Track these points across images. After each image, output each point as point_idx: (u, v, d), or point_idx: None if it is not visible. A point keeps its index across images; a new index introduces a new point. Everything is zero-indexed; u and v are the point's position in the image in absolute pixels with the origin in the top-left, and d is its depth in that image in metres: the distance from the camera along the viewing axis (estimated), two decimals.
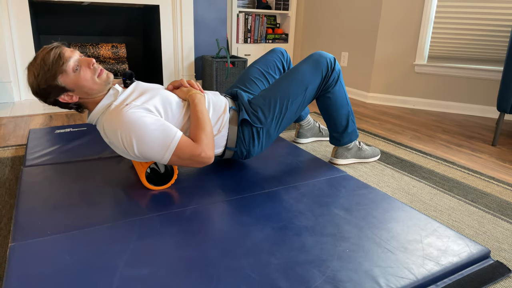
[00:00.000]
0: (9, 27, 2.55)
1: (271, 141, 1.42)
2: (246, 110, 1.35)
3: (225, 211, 1.14)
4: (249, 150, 1.37)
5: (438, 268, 0.92)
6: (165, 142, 1.11)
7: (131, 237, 0.99)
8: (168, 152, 1.12)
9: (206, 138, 1.16)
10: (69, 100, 1.15)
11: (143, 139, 1.09)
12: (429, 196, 1.41)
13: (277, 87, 1.39)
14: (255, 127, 1.34)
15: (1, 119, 2.24)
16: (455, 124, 2.48)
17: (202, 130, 1.17)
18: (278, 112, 1.36)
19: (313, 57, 1.43)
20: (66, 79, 1.11)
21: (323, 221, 1.10)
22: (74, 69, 1.11)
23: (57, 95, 1.13)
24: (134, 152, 1.11)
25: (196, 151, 1.14)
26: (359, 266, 0.91)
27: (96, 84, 1.15)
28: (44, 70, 1.08)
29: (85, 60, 1.14)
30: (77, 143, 1.68)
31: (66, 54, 1.10)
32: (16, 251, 0.92)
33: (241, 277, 0.85)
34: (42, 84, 1.10)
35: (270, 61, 1.63)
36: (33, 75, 1.10)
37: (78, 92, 1.14)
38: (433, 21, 2.75)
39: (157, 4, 3.01)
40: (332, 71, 1.43)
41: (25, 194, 1.21)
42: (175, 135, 1.12)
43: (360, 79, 3.21)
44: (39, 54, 1.10)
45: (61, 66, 1.09)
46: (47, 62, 1.08)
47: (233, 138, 1.34)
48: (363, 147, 1.68)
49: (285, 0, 3.84)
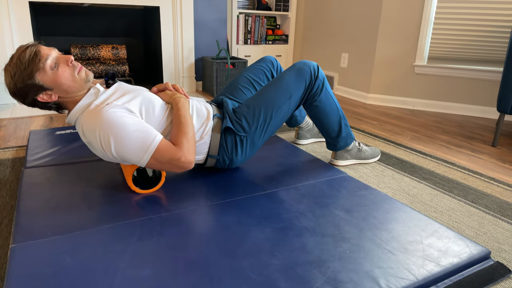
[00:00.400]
0: (9, 28, 2.55)
1: (255, 150, 1.41)
2: (230, 118, 1.34)
3: (225, 212, 1.14)
4: (231, 158, 1.36)
5: (438, 269, 0.92)
6: (144, 144, 1.09)
7: (132, 238, 0.99)
8: (147, 154, 1.10)
9: (187, 143, 1.14)
10: (48, 99, 1.12)
11: (121, 140, 1.07)
12: (429, 197, 1.41)
13: (261, 96, 1.38)
14: (238, 136, 1.33)
15: (1, 121, 2.24)
16: (455, 125, 2.49)
17: (184, 134, 1.15)
18: (262, 121, 1.35)
19: (296, 65, 1.43)
20: (44, 77, 1.08)
21: (324, 222, 1.10)
22: (51, 66, 1.08)
23: (35, 94, 1.10)
24: (112, 152, 1.09)
25: (176, 155, 1.11)
26: (359, 267, 0.91)
27: (75, 81, 1.12)
28: (21, 69, 1.05)
29: (63, 57, 1.11)
30: (78, 144, 1.68)
31: (42, 51, 1.08)
32: (17, 252, 0.92)
33: (242, 277, 0.85)
34: (19, 83, 1.06)
35: (259, 70, 1.62)
36: (9, 75, 1.07)
37: (57, 90, 1.11)
38: (433, 22, 2.76)
39: (157, 6, 3.01)
40: (315, 78, 1.43)
41: (26, 195, 1.21)
42: (154, 137, 1.10)
43: (360, 80, 3.21)
44: (15, 53, 1.07)
45: (38, 64, 1.06)
46: (23, 60, 1.05)
47: (216, 146, 1.32)
48: (363, 148, 1.68)
49: (285, 2, 3.85)
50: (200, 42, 3.31)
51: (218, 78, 3.08)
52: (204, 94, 3.21)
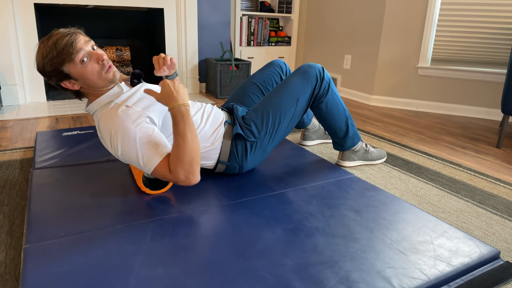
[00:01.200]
0: (14, 30, 2.56)
1: (266, 155, 1.42)
2: (240, 125, 1.34)
3: (235, 212, 1.15)
4: (241, 164, 1.36)
5: (450, 268, 0.92)
6: (147, 160, 1.10)
7: (144, 239, 0.99)
8: (147, 168, 1.11)
9: (183, 171, 1.09)
10: (70, 87, 1.15)
11: (128, 148, 1.10)
12: (437, 198, 1.42)
13: (269, 101, 1.39)
14: (248, 141, 1.34)
15: (7, 122, 2.25)
16: (459, 127, 2.49)
17: (179, 163, 1.08)
18: (271, 125, 1.36)
19: (301, 69, 1.44)
20: (72, 68, 1.10)
21: (334, 223, 1.11)
22: (81, 60, 1.09)
23: (60, 80, 1.12)
24: (118, 155, 1.13)
25: (171, 179, 1.11)
26: (371, 267, 0.91)
27: (101, 79, 1.14)
28: (53, 55, 1.07)
29: (96, 54, 1.12)
30: (85, 146, 1.69)
31: (78, 44, 1.09)
32: (31, 253, 0.93)
33: (255, 277, 0.86)
34: (47, 66, 1.08)
35: (268, 75, 1.62)
36: (41, 54, 1.08)
37: (81, 82, 1.13)
38: (436, 24, 2.77)
39: (162, 7, 3.02)
40: (321, 80, 1.44)
41: (36, 196, 1.21)
42: (154, 158, 1.09)
43: (363, 82, 3.22)
44: (53, 35, 1.08)
45: (70, 55, 1.08)
46: (58, 47, 1.07)
47: (226, 152, 1.33)
48: (370, 149, 1.69)
49: (288, 3, 3.86)
50: (204, 43, 3.32)
51: (222, 80, 3.09)
52: (207, 95, 3.22)
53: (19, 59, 2.63)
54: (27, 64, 2.68)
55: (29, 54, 2.66)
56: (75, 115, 2.45)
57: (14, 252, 1.03)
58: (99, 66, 1.12)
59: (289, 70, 1.68)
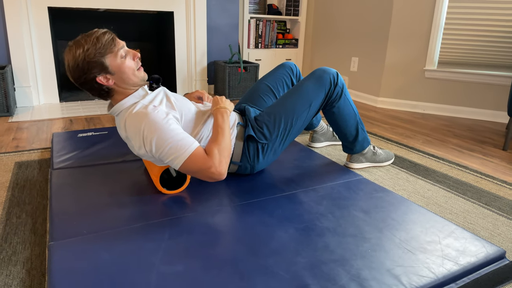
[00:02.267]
0: (29, 33, 2.63)
1: (276, 156, 1.46)
2: (252, 126, 1.38)
3: (248, 212, 1.19)
4: (253, 165, 1.41)
5: (457, 267, 0.96)
6: (180, 150, 1.14)
7: (163, 236, 1.04)
8: (180, 159, 1.14)
9: (219, 154, 1.16)
10: (105, 82, 1.17)
11: (162, 141, 1.13)
12: (444, 199, 1.45)
13: (282, 104, 1.43)
14: (260, 143, 1.38)
15: (23, 123, 2.31)
16: (465, 129, 2.52)
17: (217, 145, 1.18)
18: (283, 128, 1.40)
19: (316, 73, 1.47)
20: (112, 61, 1.15)
21: (344, 223, 1.15)
22: (121, 55, 1.16)
23: (98, 73, 1.15)
24: (152, 151, 1.15)
25: (206, 165, 1.14)
26: (381, 265, 0.95)
27: (134, 76, 1.20)
28: (96, 46, 1.12)
29: (132, 51, 1.20)
30: (100, 147, 1.74)
31: (118, 40, 1.17)
32: (56, 249, 0.97)
33: (270, 274, 0.90)
34: (89, 57, 1.12)
35: (279, 77, 1.66)
36: (82, 48, 1.12)
37: (117, 77, 1.18)
38: (443, 27, 2.79)
39: (172, 11, 3.08)
40: (335, 86, 1.47)
41: (57, 196, 1.26)
42: (191, 145, 1.15)
43: (370, 84, 3.25)
44: (92, 33, 1.14)
45: (113, 48, 1.14)
46: (101, 40, 1.13)
47: (238, 153, 1.37)
48: (378, 151, 1.73)
49: (296, 6, 3.90)
50: (213, 46, 3.37)
51: (230, 82, 3.13)
52: None
53: (33, 61, 2.69)
54: (41, 66, 2.74)
55: (43, 56, 2.73)
56: (88, 116, 2.51)
57: (39, 249, 1.08)
58: (134, 63, 1.20)
59: (299, 72, 1.72)
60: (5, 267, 0.99)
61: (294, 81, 1.70)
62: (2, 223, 1.20)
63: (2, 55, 2.62)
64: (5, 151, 1.81)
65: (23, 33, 2.60)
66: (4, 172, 1.57)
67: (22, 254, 1.05)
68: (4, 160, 1.70)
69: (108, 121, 2.40)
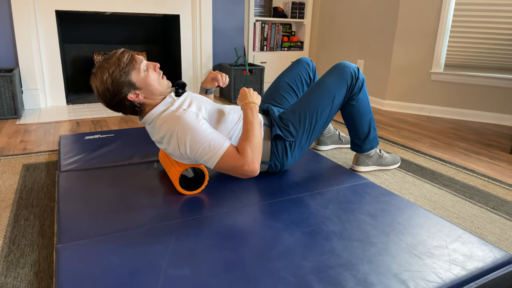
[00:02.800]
0: (36, 36, 2.66)
1: (304, 152, 1.49)
2: (278, 126, 1.42)
3: (254, 215, 1.19)
4: (282, 163, 1.44)
5: (464, 272, 0.95)
6: (214, 149, 1.18)
7: (170, 239, 1.04)
8: (214, 158, 1.19)
9: (251, 151, 1.20)
10: (135, 98, 1.22)
11: (196, 142, 1.18)
12: (451, 203, 1.44)
13: (305, 101, 1.45)
14: (287, 141, 1.41)
15: (30, 125, 2.33)
16: (472, 132, 2.51)
17: (248, 143, 1.21)
18: (308, 125, 1.43)
19: (337, 68, 1.49)
20: (137, 77, 1.20)
21: (350, 227, 1.15)
22: (143, 69, 1.22)
23: (128, 91, 1.20)
24: (186, 152, 1.20)
25: (239, 163, 1.19)
26: (388, 270, 0.95)
27: (160, 85, 1.25)
28: (120, 67, 1.17)
29: (152, 63, 1.25)
30: (107, 149, 1.75)
31: (136, 57, 1.22)
32: (63, 252, 0.98)
33: (277, 278, 0.90)
34: (116, 78, 1.17)
35: (296, 73, 1.69)
36: (107, 72, 1.17)
37: (145, 90, 1.23)
38: (450, 30, 2.78)
39: (178, 14, 3.09)
40: (356, 80, 1.49)
41: (65, 198, 1.27)
42: (222, 144, 1.19)
43: (376, 87, 3.24)
44: (112, 55, 1.20)
45: (134, 64, 1.19)
46: (122, 60, 1.18)
47: (267, 153, 1.41)
48: (384, 155, 1.72)
49: (301, 9, 3.91)
50: (218, 49, 3.38)
51: (236, 84, 3.14)
52: (221, 99, 3.27)
53: (41, 64, 2.72)
54: (48, 69, 2.76)
55: (50, 59, 2.75)
56: (95, 119, 2.52)
57: (47, 252, 1.09)
58: (156, 73, 1.24)
59: (314, 66, 1.75)
60: (13, 269, 1.00)
61: (311, 75, 1.73)
62: (10, 225, 1.21)
63: (10, 58, 2.65)
64: (13, 153, 1.83)
65: (31, 36, 2.63)
66: (12, 174, 1.59)
67: (30, 257, 1.06)
68: (12, 163, 1.71)
69: (114, 123, 2.42)
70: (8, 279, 0.96)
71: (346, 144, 2.04)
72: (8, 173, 1.60)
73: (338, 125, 2.59)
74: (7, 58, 2.64)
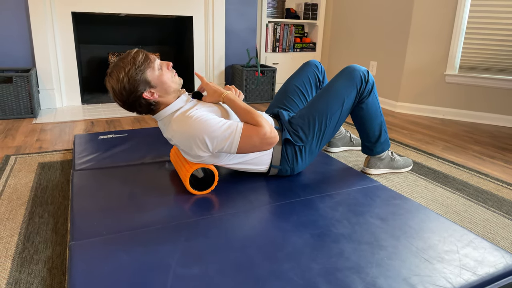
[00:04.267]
0: (53, 37, 2.71)
1: (314, 157, 1.49)
2: (288, 130, 1.42)
3: (263, 217, 1.20)
4: (293, 167, 1.44)
5: (475, 278, 0.94)
6: (231, 132, 1.21)
7: (179, 239, 1.06)
8: (236, 140, 1.21)
9: (263, 121, 1.23)
10: (150, 97, 1.25)
11: (213, 134, 1.20)
12: (463, 207, 1.42)
13: (314, 105, 1.45)
14: (297, 146, 1.41)
15: (46, 125, 2.38)
16: (487, 135, 2.47)
17: (256, 115, 1.24)
18: (317, 129, 1.42)
19: (346, 71, 1.48)
20: (153, 75, 1.23)
21: (360, 230, 1.14)
22: (158, 67, 1.25)
23: (143, 90, 1.23)
24: (209, 148, 1.22)
25: (260, 133, 1.21)
26: (397, 274, 0.94)
27: (174, 83, 1.28)
28: (136, 66, 1.20)
29: (165, 62, 1.28)
30: (120, 149, 1.78)
31: (151, 56, 1.25)
32: (76, 249, 1.00)
33: (285, 279, 0.90)
34: (132, 77, 1.20)
35: (305, 76, 1.69)
36: (123, 71, 1.20)
37: (159, 89, 1.25)
38: (465, 31, 2.75)
39: (191, 15, 3.12)
40: (366, 83, 1.48)
41: (78, 197, 1.30)
42: (237, 126, 1.22)
43: (388, 88, 3.22)
44: (127, 54, 1.23)
45: (149, 63, 1.23)
46: (137, 58, 1.21)
47: (278, 157, 1.41)
48: (396, 158, 1.71)
49: (314, 10, 3.90)
50: (230, 50, 3.39)
51: (248, 86, 3.15)
52: None
53: (57, 64, 2.77)
54: (64, 70, 2.82)
55: (66, 59, 2.80)
56: (109, 118, 2.56)
57: (60, 249, 1.11)
58: (169, 72, 1.27)
59: (323, 69, 1.74)
60: (27, 265, 1.03)
61: (320, 78, 1.72)
62: (25, 222, 1.24)
63: (27, 58, 2.71)
64: (29, 152, 1.87)
65: (48, 37, 2.68)
66: (27, 172, 1.63)
67: (43, 253, 1.08)
68: (28, 161, 1.75)
69: (128, 123, 2.45)
70: (22, 275, 0.99)
71: (357, 146, 2.03)
72: (24, 171, 1.64)
73: (349, 126, 2.58)
74: (24, 58, 2.70)
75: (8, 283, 0.96)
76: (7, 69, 2.65)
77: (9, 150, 1.90)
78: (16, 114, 2.50)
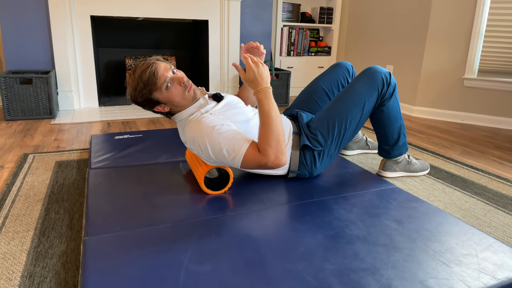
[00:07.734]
0: (72, 40, 2.77)
1: (333, 160, 1.46)
2: (306, 135, 1.38)
3: (276, 217, 1.19)
4: (311, 171, 1.42)
5: (494, 282, 0.91)
6: (234, 152, 1.19)
7: (192, 237, 1.05)
8: (237, 160, 1.20)
9: (271, 149, 1.17)
10: (162, 110, 1.29)
11: (216, 147, 1.19)
12: (482, 212, 1.38)
13: (334, 108, 1.40)
14: (316, 150, 1.38)
15: (64, 125, 2.43)
16: (507, 140, 2.40)
17: (266, 140, 1.18)
18: (337, 133, 1.38)
19: (368, 73, 1.43)
20: (159, 95, 1.24)
21: (375, 232, 1.12)
22: (166, 86, 1.23)
23: (152, 107, 1.28)
24: (210, 155, 1.22)
25: (262, 162, 1.19)
26: (413, 276, 0.92)
27: (184, 99, 1.28)
28: (141, 87, 1.21)
29: (177, 78, 1.25)
30: (135, 149, 1.79)
31: (159, 72, 1.21)
32: (90, 244, 1.01)
33: (298, 279, 0.89)
34: (139, 97, 1.24)
35: (334, 78, 1.61)
36: (132, 88, 1.24)
37: (170, 105, 1.28)
38: (484, 34, 2.69)
39: (206, 19, 3.15)
40: (388, 86, 1.43)
41: (94, 194, 1.31)
42: (242, 146, 1.18)
43: (405, 92, 3.17)
44: (137, 68, 1.23)
45: (156, 84, 1.21)
46: (143, 79, 1.20)
47: (296, 162, 1.38)
48: (412, 161, 1.68)
49: (329, 14, 3.89)
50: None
51: None
52: None
53: (76, 67, 2.83)
54: (82, 72, 2.87)
55: (84, 62, 2.86)
56: (125, 120, 2.60)
57: (74, 244, 1.12)
58: (181, 87, 1.25)
59: (355, 73, 1.65)
60: (42, 259, 1.04)
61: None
62: (41, 218, 1.26)
63: (47, 61, 2.77)
64: (47, 151, 1.91)
65: (67, 40, 2.74)
66: (45, 170, 1.65)
67: (58, 248, 1.09)
68: (46, 159, 1.78)
69: (143, 124, 2.48)
70: (37, 269, 1.00)
71: (373, 150, 2.00)
72: (42, 169, 1.67)
73: (364, 130, 2.55)
74: (44, 61, 2.76)
75: (23, 276, 0.97)
76: (28, 71, 2.72)
77: (28, 149, 1.94)
78: (35, 114, 2.55)
